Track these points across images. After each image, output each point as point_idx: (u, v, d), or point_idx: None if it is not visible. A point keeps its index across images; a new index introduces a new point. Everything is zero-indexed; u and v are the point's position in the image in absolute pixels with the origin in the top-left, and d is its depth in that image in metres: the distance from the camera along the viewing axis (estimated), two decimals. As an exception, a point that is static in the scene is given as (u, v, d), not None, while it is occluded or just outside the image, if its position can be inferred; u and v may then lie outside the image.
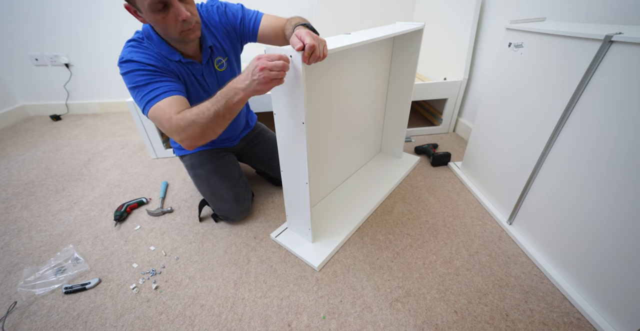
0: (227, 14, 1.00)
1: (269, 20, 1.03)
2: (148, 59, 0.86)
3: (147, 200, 1.35)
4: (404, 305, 0.90)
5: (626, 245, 0.74)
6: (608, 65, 0.75)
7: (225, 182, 1.17)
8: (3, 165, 1.67)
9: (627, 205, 0.73)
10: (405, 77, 1.35)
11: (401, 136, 1.51)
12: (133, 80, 0.84)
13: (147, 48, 0.89)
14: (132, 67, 0.84)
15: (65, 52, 2.16)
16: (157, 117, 0.82)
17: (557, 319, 0.85)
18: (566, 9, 1.15)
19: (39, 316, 0.89)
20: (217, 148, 1.24)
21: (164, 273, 1.02)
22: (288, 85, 0.77)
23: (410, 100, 1.39)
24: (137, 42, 0.89)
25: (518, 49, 1.03)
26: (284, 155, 0.94)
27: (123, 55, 0.87)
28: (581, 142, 0.84)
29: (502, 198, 1.18)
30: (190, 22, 0.82)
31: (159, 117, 0.81)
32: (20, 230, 1.21)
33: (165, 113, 0.80)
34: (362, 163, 1.53)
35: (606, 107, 0.77)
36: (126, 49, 0.88)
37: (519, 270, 0.99)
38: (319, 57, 0.69)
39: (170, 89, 0.84)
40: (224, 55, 1.03)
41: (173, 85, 0.86)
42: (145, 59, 0.86)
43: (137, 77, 0.84)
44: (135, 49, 0.88)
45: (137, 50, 0.87)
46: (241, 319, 0.87)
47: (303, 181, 0.93)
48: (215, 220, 1.23)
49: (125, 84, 0.88)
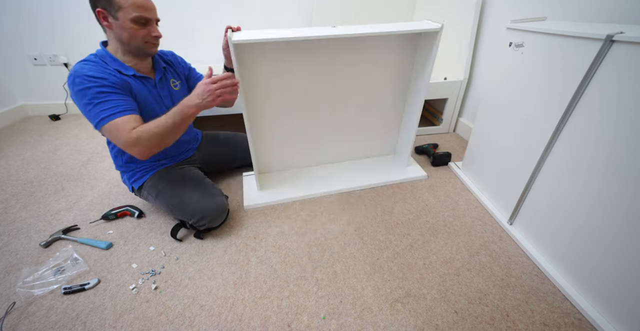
0: (182, 61, 1.24)
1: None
2: (101, 73, 0.93)
3: (142, 214, 1.26)
4: (404, 305, 0.89)
5: (626, 245, 0.73)
6: (609, 65, 0.75)
7: (190, 183, 1.16)
8: (2, 165, 1.67)
9: (627, 205, 0.73)
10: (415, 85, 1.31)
11: (408, 142, 1.45)
12: (88, 96, 0.90)
13: (100, 64, 0.96)
14: (85, 85, 0.90)
15: (64, 52, 2.16)
16: (113, 131, 0.92)
17: (558, 319, 0.84)
18: (567, 9, 1.14)
19: (38, 316, 0.88)
20: (175, 163, 1.24)
21: (164, 273, 1.01)
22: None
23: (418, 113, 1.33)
24: (89, 61, 0.96)
25: (519, 49, 1.03)
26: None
27: (76, 71, 0.91)
28: (582, 141, 0.83)
29: (503, 198, 1.18)
30: (158, 40, 1.01)
31: (117, 130, 0.91)
32: (19, 230, 1.21)
33: (123, 129, 0.91)
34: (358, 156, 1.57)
35: (607, 106, 0.76)
36: (78, 65, 0.94)
37: (519, 271, 0.99)
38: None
39: (126, 108, 0.94)
40: (177, 79, 1.18)
41: (128, 104, 0.95)
42: (99, 73, 0.92)
43: (93, 94, 0.90)
44: (88, 66, 0.94)
45: (90, 66, 0.94)
46: (241, 319, 0.87)
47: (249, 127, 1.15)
48: (200, 237, 1.13)
49: (75, 99, 0.93)
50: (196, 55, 2.15)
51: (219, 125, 1.93)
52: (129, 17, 0.91)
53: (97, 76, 0.91)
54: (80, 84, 0.90)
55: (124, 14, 0.90)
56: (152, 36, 0.97)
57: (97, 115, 0.91)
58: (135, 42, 0.96)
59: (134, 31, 0.94)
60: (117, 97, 0.93)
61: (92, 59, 0.97)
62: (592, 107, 0.80)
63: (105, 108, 0.91)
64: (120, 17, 0.91)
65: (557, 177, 0.92)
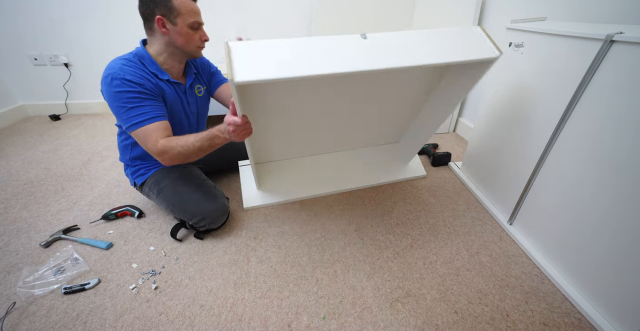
0: (207, 64, 1.23)
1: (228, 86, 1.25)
2: (139, 78, 0.94)
3: (142, 214, 1.26)
4: (404, 305, 0.89)
5: (627, 245, 0.73)
6: (609, 65, 0.75)
7: (192, 184, 1.16)
8: (2, 165, 1.67)
9: (627, 205, 0.73)
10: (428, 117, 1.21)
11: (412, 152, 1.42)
12: (123, 100, 0.92)
13: (138, 66, 0.97)
14: (122, 88, 0.92)
15: (64, 52, 2.16)
16: (142, 138, 0.95)
17: (557, 319, 0.84)
18: (567, 9, 1.14)
19: (38, 316, 0.88)
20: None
21: (164, 273, 1.01)
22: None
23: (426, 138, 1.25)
24: (128, 60, 0.97)
25: (519, 49, 1.03)
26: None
27: (115, 71, 0.92)
28: (582, 141, 0.83)
29: (503, 198, 1.18)
30: (204, 43, 1.03)
31: (145, 138, 0.95)
32: (19, 230, 1.21)
33: (152, 137, 0.94)
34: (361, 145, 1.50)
35: (607, 106, 0.76)
36: (117, 63, 0.95)
37: (519, 271, 0.99)
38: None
39: (157, 115, 0.96)
40: (203, 85, 1.20)
41: (159, 110, 0.98)
42: (136, 78, 0.94)
43: (128, 98, 0.92)
44: (128, 68, 0.94)
45: (130, 69, 0.94)
46: (241, 319, 0.87)
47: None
48: (200, 238, 1.13)
49: (107, 98, 0.94)
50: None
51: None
52: (187, 23, 0.94)
53: (134, 81, 0.93)
54: (117, 87, 0.91)
55: (182, 20, 0.93)
56: (202, 40, 1.01)
57: (128, 119, 0.94)
58: (189, 48, 1.00)
59: (190, 36, 0.97)
60: (149, 103, 0.96)
61: (131, 59, 0.97)
62: (592, 107, 0.80)
63: (138, 114, 0.94)
64: (179, 23, 0.94)
65: (557, 177, 0.92)
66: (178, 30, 0.95)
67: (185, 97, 1.11)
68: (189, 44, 0.99)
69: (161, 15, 0.92)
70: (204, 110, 1.25)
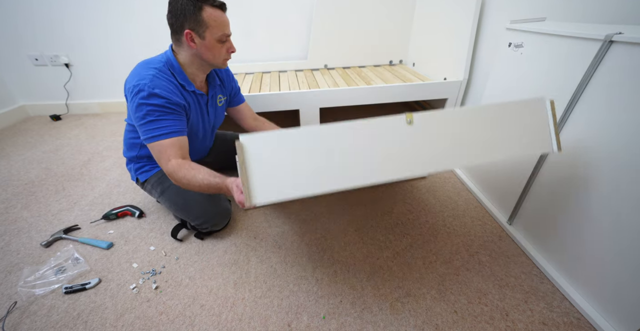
0: (233, 79, 1.23)
1: (246, 106, 1.31)
2: (167, 93, 0.92)
3: (142, 214, 1.27)
4: (404, 305, 0.90)
5: (626, 245, 0.74)
6: (608, 65, 0.75)
7: None
8: (3, 165, 1.67)
9: (627, 205, 0.73)
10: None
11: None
12: (144, 111, 0.91)
13: (168, 77, 0.95)
14: (148, 101, 0.90)
15: (65, 52, 2.16)
16: (156, 152, 0.95)
17: (557, 319, 0.85)
18: (566, 9, 1.15)
19: (39, 316, 0.89)
20: None
21: (164, 273, 1.01)
22: None
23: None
24: (159, 71, 0.94)
25: (518, 49, 1.03)
26: None
27: (145, 83, 0.89)
28: (582, 141, 0.83)
29: (502, 198, 1.18)
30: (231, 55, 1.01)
31: (159, 153, 0.94)
32: (20, 230, 1.21)
33: (166, 153, 0.93)
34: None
35: (606, 107, 0.76)
36: (148, 73, 0.92)
37: (519, 270, 0.99)
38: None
39: (175, 130, 0.95)
40: (224, 95, 1.19)
41: (178, 125, 0.96)
42: (164, 93, 0.91)
43: (150, 111, 0.91)
44: (158, 81, 0.92)
45: (160, 82, 0.92)
46: (241, 319, 0.87)
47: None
48: (200, 238, 1.14)
49: (130, 105, 0.93)
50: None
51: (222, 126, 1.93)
52: (215, 36, 0.91)
53: (161, 95, 0.91)
54: (143, 98, 0.90)
55: (210, 34, 0.91)
56: (230, 52, 0.99)
57: (146, 131, 0.93)
58: (216, 61, 0.98)
59: (218, 50, 0.95)
60: (171, 117, 0.94)
61: (161, 69, 0.95)
62: (591, 107, 0.80)
63: (157, 128, 0.93)
64: (207, 37, 0.91)
65: (557, 177, 0.92)
66: (206, 44, 0.92)
67: (206, 108, 1.11)
68: (215, 58, 0.97)
69: (190, 29, 0.89)
70: (219, 120, 1.24)
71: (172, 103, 0.94)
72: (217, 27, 0.91)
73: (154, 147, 0.95)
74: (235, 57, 2.21)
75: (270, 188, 0.59)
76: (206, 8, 0.87)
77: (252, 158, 0.59)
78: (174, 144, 0.94)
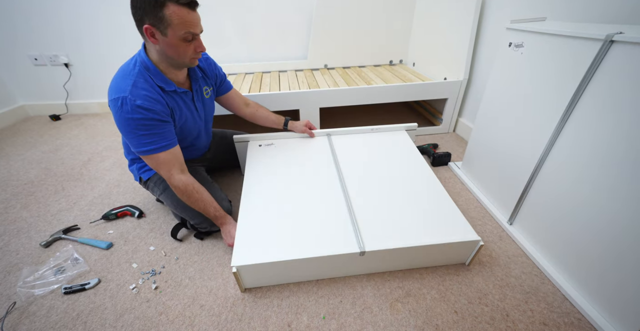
0: (216, 67, 1.21)
1: (235, 92, 1.32)
2: (150, 103, 0.91)
3: (142, 214, 1.26)
4: (404, 305, 0.89)
5: (626, 245, 0.73)
6: (609, 65, 0.75)
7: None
8: (2, 165, 1.67)
9: (627, 205, 0.73)
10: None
11: None
12: (133, 126, 0.91)
13: (147, 83, 0.93)
14: (133, 115, 0.89)
15: (64, 52, 2.16)
16: (153, 164, 0.98)
17: (557, 319, 0.85)
18: (567, 9, 1.14)
19: (38, 316, 0.89)
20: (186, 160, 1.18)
21: (164, 273, 1.01)
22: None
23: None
24: (136, 77, 0.92)
25: (518, 49, 1.03)
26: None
27: (125, 96, 0.88)
28: (582, 141, 0.83)
29: (503, 198, 1.18)
30: (200, 54, 0.97)
31: (157, 166, 0.98)
32: (19, 230, 1.21)
33: (165, 167, 0.98)
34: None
35: (607, 107, 0.76)
36: (126, 83, 0.90)
37: (519, 270, 0.99)
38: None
39: (167, 144, 0.97)
40: (209, 86, 1.18)
41: (169, 135, 0.98)
42: (147, 103, 0.90)
43: (138, 125, 0.91)
44: (138, 91, 0.90)
45: (140, 89, 0.91)
46: (241, 319, 0.87)
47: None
48: (200, 238, 1.14)
49: (117, 121, 0.92)
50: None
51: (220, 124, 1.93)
52: (178, 35, 0.86)
53: (145, 107, 0.90)
54: (128, 113, 0.88)
55: (173, 32, 0.85)
56: (197, 52, 0.94)
57: (139, 145, 0.94)
58: (181, 59, 0.93)
59: (182, 48, 0.90)
60: (160, 130, 0.95)
61: (137, 74, 0.92)
62: (592, 107, 0.80)
63: (148, 142, 0.94)
64: (169, 34, 0.85)
65: (557, 177, 0.92)
66: (168, 42, 0.87)
67: (193, 104, 1.09)
68: (180, 56, 0.92)
69: (150, 24, 0.83)
70: (210, 112, 1.24)
71: (158, 114, 0.93)
72: (181, 26, 0.84)
73: (149, 159, 0.97)
74: (235, 57, 2.23)
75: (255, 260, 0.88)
76: (169, 5, 0.81)
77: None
78: (169, 158, 0.98)
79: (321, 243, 0.91)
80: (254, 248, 0.91)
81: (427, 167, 1.20)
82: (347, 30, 2.11)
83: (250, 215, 1.02)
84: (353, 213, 1.00)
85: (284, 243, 0.92)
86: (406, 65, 2.29)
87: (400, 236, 0.93)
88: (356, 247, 0.89)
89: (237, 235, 0.95)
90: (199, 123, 1.16)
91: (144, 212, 1.27)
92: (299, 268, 0.92)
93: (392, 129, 1.44)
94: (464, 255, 0.99)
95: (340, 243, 0.91)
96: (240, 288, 0.94)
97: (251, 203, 1.07)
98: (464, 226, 0.96)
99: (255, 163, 1.26)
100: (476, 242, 0.93)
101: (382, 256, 0.92)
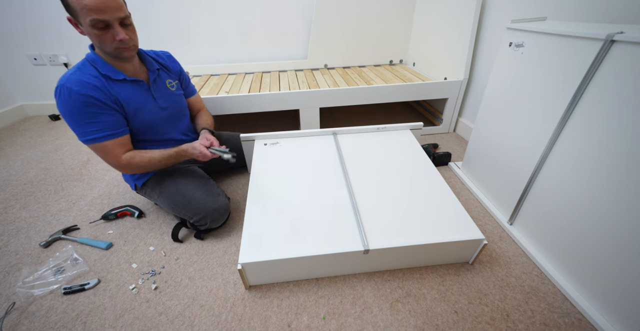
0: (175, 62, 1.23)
1: (197, 98, 1.35)
2: (86, 89, 0.90)
3: (142, 214, 1.26)
4: (404, 305, 0.89)
5: (627, 245, 0.73)
6: (609, 65, 0.75)
7: (194, 182, 1.15)
8: (2, 165, 1.67)
9: (627, 205, 0.72)
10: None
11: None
12: (73, 113, 0.90)
13: (90, 72, 0.93)
14: (70, 102, 0.89)
15: (64, 52, 2.16)
16: (100, 153, 0.98)
17: (558, 320, 0.84)
18: (567, 9, 1.14)
19: (38, 316, 0.88)
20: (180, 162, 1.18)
21: (164, 273, 1.01)
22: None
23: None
24: (78, 68, 0.93)
25: (519, 49, 1.03)
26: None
27: (62, 84, 0.89)
28: (582, 141, 0.83)
29: (503, 198, 1.18)
30: (126, 43, 0.91)
31: (105, 154, 0.98)
32: (19, 230, 1.21)
33: (113, 154, 0.98)
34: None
35: (608, 106, 0.76)
36: (68, 72, 0.92)
37: (519, 271, 0.99)
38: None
39: (114, 132, 0.97)
40: (174, 79, 1.19)
41: (115, 124, 0.97)
42: (83, 89, 0.89)
43: (78, 113, 0.90)
44: (75, 77, 0.90)
45: (77, 77, 0.90)
46: (241, 319, 0.87)
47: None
48: (200, 237, 1.14)
49: (60, 111, 0.91)
50: (193, 55, 2.15)
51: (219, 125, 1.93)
52: (86, 22, 0.83)
53: (81, 92, 0.88)
54: (65, 100, 0.88)
55: (83, 20, 0.83)
56: (117, 40, 0.88)
57: (83, 134, 0.93)
58: (105, 48, 0.90)
59: (98, 36, 0.87)
60: (103, 119, 0.94)
61: (81, 65, 0.94)
62: (593, 107, 0.80)
63: (93, 130, 0.93)
64: (82, 23, 0.84)
65: (558, 177, 0.92)
66: (86, 31, 0.86)
67: (150, 93, 1.07)
68: (102, 45, 0.89)
69: (70, 15, 0.84)
70: (178, 105, 1.19)
71: (97, 99, 0.91)
72: (85, 13, 0.81)
73: (96, 148, 0.97)
74: (235, 57, 2.23)
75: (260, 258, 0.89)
76: None
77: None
78: (116, 145, 0.98)
79: (326, 241, 0.92)
80: (260, 246, 0.91)
81: (432, 166, 1.20)
82: (347, 30, 2.11)
83: (256, 213, 1.02)
84: (358, 211, 1.00)
85: (290, 240, 0.92)
86: (406, 65, 2.29)
87: (404, 234, 0.93)
88: (360, 245, 0.89)
89: (244, 232, 0.94)
90: (158, 113, 1.10)
91: (143, 212, 1.27)
92: (303, 265, 0.92)
93: (397, 128, 1.45)
94: (467, 253, 0.99)
95: (345, 241, 0.91)
96: (245, 286, 0.94)
97: (257, 201, 1.07)
98: (468, 225, 0.96)
99: (261, 162, 1.26)
100: (480, 240, 0.93)
101: (386, 254, 0.92)
